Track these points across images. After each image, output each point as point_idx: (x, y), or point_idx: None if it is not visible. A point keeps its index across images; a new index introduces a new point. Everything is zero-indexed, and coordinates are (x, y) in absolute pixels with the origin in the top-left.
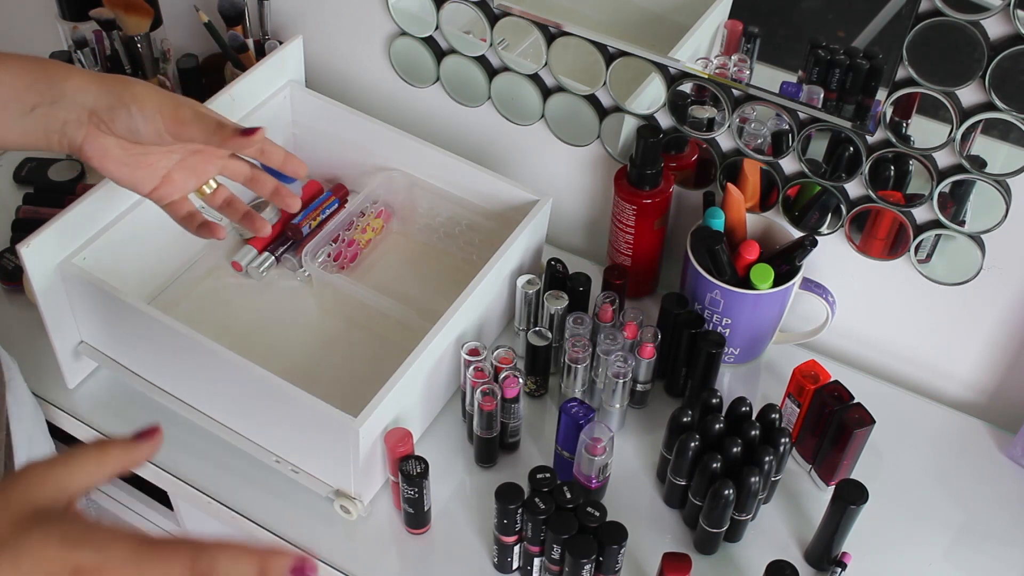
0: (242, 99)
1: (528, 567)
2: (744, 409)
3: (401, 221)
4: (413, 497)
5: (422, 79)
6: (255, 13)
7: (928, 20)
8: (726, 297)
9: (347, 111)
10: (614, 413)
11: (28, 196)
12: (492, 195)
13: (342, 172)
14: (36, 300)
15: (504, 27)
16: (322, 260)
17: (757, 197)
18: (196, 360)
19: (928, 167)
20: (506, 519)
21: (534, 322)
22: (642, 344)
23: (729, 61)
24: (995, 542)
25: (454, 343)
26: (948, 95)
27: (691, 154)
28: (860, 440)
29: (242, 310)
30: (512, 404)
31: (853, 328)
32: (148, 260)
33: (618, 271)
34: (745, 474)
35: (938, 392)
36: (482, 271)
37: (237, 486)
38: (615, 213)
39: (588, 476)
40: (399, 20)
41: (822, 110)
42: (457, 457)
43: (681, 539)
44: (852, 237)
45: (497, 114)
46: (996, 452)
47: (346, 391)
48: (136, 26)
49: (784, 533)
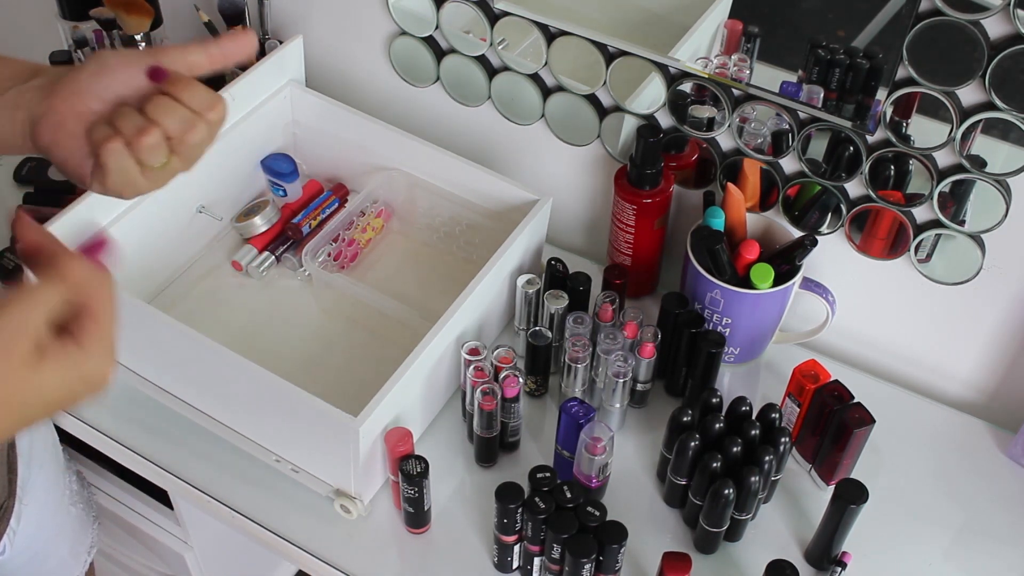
0: (242, 99)
1: (528, 567)
2: (744, 409)
3: (401, 221)
4: (413, 497)
5: (422, 79)
6: (255, 13)
7: (928, 20)
8: (726, 297)
9: (347, 111)
10: (614, 413)
11: (28, 196)
12: (492, 195)
13: (342, 172)
14: None
15: (504, 27)
16: (322, 260)
17: (757, 197)
18: (196, 360)
19: (928, 167)
20: (506, 519)
21: (534, 322)
22: (642, 344)
23: (729, 61)
24: (995, 542)
25: (454, 343)
26: (948, 95)
27: (691, 154)
28: (860, 440)
29: (242, 310)
30: (512, 404)
31: (853, 328)
32: (148, 260)
33: (618, 271)
34: (745, 474)
35: (938, 392)
36: (482, 271)
37: (237, 486)
38: (615, 213)
39: (588, 476)
40: (399, 20)
41: (822, 110)
42: (457, 457)
43: (681, 539)
44: (852, 237)
45: (497, 114)
46: (996, 452)
47: (346, 391)
48: (136, 26)
49: (784, 533)
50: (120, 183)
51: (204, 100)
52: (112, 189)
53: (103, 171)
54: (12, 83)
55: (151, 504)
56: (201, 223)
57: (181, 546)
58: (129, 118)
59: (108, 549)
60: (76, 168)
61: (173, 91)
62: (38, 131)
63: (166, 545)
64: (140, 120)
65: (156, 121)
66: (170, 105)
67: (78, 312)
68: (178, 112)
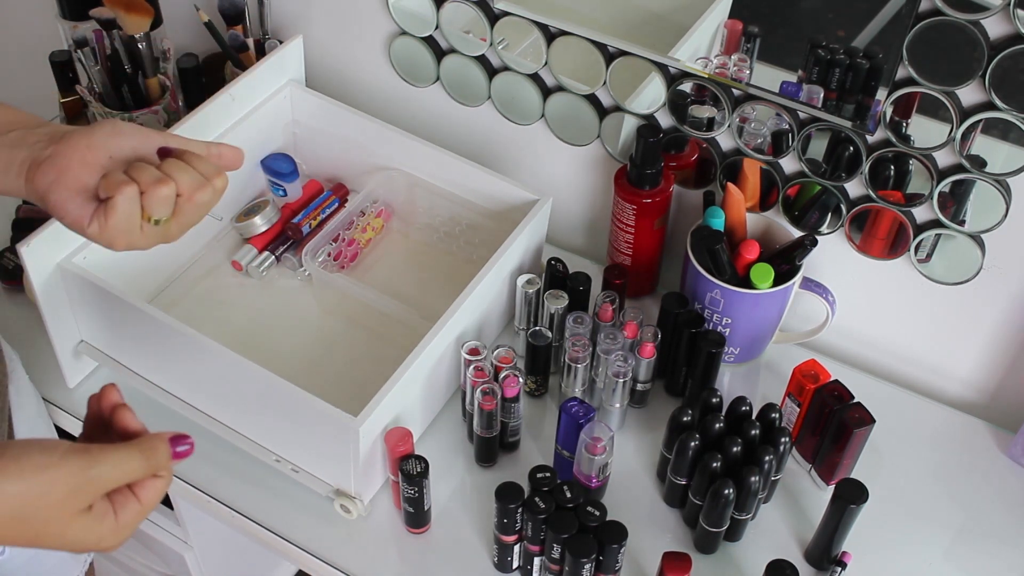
0: (242, 99)
1: (528, 567)
2: (744, 409)
3: (401, 221)
4: (413, 497)
5: (422, 79)
6: (255, 12)
7: (928, 20)
8: (726, 297)
9: (347, 111)
10: (614, 412)
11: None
12: (492, 195)
13: (342, 172)
14: (36, 300)
15: (504, 27)
16: (322, 259)
17: (757, 197)
18: (196, 360)
19: (928, 167)
20: (506, 518)
21: (534, 322)
22: (642, 343)
23: (729, 61)
24: (995, 542)
25: (454, 343)
26: (948, 95)
27: (691, 154)
28: (860, 440)
29: (242, 310)
30: (512, 403)
31: (853, 328)
32: (148, 260)
33: (618, 271)
34: (745, 474)
35: (938, 392)
36: (482, 271)
37: (237, 486)
38: (615, 213)
39: (588, 475)
40: (399, 20)
41: (822, 110)
42: (457, 457)
43: (681, 539)
44: (852, 237)
45: (497, 114)
46: (996, 452)
47: (346, 391)
48: (136, 25)
49: (784, 533)
50: (121, 228)
51: (211, 169)
52: (110, 233)
53: (110, 213)
54: (16, 127)
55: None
56: (201, 223)
57: (181, 546)
58: (147, 171)
59: None
60: (74, 210)
61: (184, 158)
62: (38, 171)
63: (166, 545)
64: (157, 173)
65: (171, 177)
66: (184, 166)
67: (133, 488)
68: (190, 172)
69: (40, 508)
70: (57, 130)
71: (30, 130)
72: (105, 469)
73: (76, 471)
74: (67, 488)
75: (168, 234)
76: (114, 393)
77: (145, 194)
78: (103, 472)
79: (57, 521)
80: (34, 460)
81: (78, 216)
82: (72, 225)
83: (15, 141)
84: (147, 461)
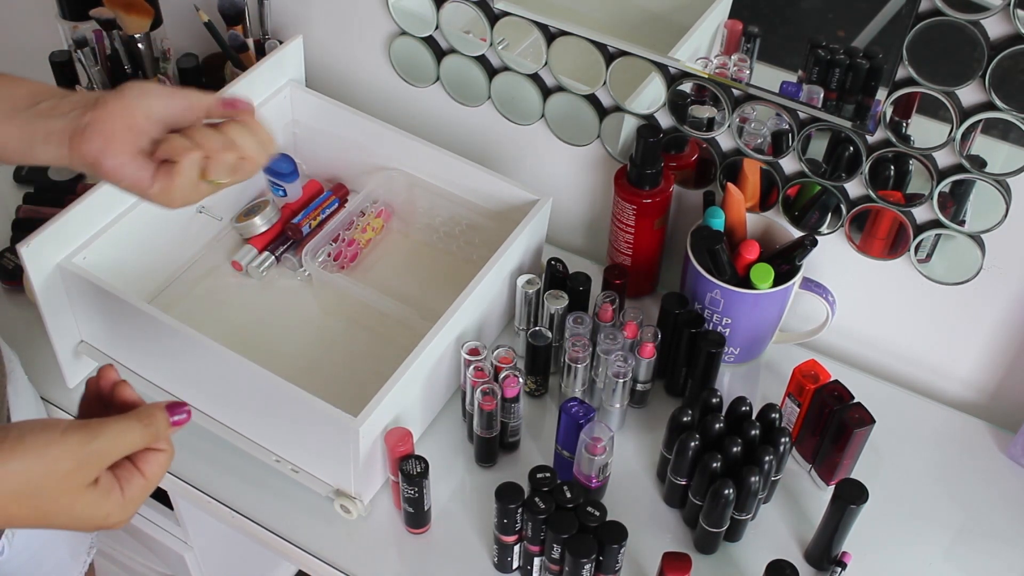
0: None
1: (528, 567)
2: (744, 409)
3: (401, 221)
4: (413, 497)
5: (422, 79)
6: (255, 13)
7: (928, 20)
8: (726, 297)
9: (347, 111)
10: (614, 413)
11: (28, 196)
12: (492, 195)
13: (342, 172)
14: (36, 300)
15: (504, 27)
16: (322, 260)
17: (757, 197)
18: (196, 360)
19: (928, 167)
20: (506, 519)
21: (534, 322)
22: (642, 344)
23: (729, 61)
24: (995, 542)
25: (454, 343)
26: (948, 95)
27: (691, 154)
28: (860, 440)
29: (242, 310)
30: (512, 404)
31: (853, 328)
32: (148, 260)
33: (618, 271)
34: (745, 474)
35: (938, 392)
36: (482, 271)
37: (237, 486)
38: (615, 213)
39: (588, 476)
40: (399, 20)
41: (822, 110)
42: (457, 457)
43: (681, 539)
44: (852, 237)
45: (497, 114)
46: (996, 452)
47: (346, 391)
48: (136, 26)
49: (784, 533)
50: (183, 189)
51: (267, 134)
52: (171, 193)
53: (176, 176)
54: (43, 98)
55: (151, 504)
56: (201, 223)
57: (181, 546)
58: (212, 136)
59: (108, 549)
60: (131, 173)
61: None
62: (82, 139)
63: (166, 545)
64: (221, 138)
65: (235, 142)
66: (246, 131)
67: (136, 462)
68: (251, 138)
69: (46, 484)
70: (86, 97)
71: (59, 99)
72: (106, 440)
73: (78, 445)
74: (71, 462)
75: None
76: (113, 372)
77: (211, 158)
78: (104, 443)
79: (65, 495)
80: (37, 438)
81: (137, 178)
82: (131, 188)
83: (47, 112)
84: (146, 429)
